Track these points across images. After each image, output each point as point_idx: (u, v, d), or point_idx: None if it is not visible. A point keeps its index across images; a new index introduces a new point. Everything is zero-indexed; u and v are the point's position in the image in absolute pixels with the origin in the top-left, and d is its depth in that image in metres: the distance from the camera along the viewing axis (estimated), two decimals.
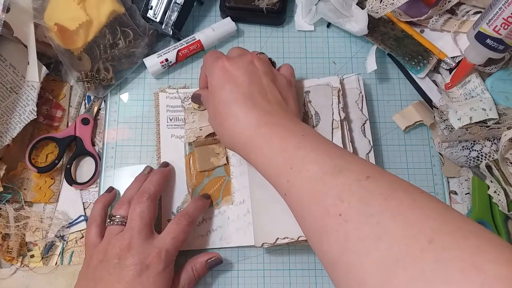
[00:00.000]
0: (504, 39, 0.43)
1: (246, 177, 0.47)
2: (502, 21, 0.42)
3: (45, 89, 0.50)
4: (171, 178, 0.47)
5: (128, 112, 0.51)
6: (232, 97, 0.38)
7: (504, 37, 0.43)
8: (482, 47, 0.45)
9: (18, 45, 0.47)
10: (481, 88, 0.49)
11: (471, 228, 0.24)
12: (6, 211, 0.46)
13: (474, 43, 0.46)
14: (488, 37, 0.44)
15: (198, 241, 0.45)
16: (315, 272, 0.46)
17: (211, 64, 0.41)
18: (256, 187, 0.45)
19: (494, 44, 0.44)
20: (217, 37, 0.52)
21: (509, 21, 0.42)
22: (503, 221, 0.46)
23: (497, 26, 0.43)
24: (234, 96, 0.38)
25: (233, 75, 0.39)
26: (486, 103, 0.47)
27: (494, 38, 0.43)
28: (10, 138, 0.46)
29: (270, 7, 0.52)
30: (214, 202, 0.47)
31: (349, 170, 0.30)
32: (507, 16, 0.42)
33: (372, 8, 0.50)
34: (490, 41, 0.44)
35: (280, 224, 0.43)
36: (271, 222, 0.44)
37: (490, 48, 0.44)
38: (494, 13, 0.42)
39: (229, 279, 0.46)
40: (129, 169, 0.49)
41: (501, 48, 0.44)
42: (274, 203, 0.44)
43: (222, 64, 0.40)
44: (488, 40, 0.44)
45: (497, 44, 0.44)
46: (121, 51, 0.50)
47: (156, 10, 0.51)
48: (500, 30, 0.43)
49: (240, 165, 0.47)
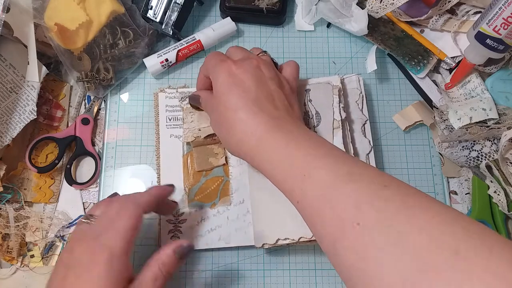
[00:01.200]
0: (504, 39, 0.43)
1: (246, 177, 0.47)
2: (502, 21, 0.42)
3: (45, 89, 0.50)
4: (170, 179, 0.47)
5: (128, 112, 0.51)
6: (239, 103, 0.37)
7: (504, 37, 0.43)
8: (482, 47, 0.45)
9: (18, 45, 0.47)
10: (481, 88, 0.49)
11: (495, 238, 0.24)
12: (6, 211, 0.46)
13: (474, 43, 0.46)
14: (488, 37, 0.44)
15: (196, 242, 0.45)
16: (315, 272, 0.46)
17: (214, 66, 0.40)
18: (256, 187, 0.45)
19: (494, 44, 0.44)
20: (217, 37, 0.52)
21: (509, 21, 0.42)
22: (503, 221, 0.46)
23: (497, 26, 0.43)
24: (242, 102, 0.37)
25: (240, 80, 0.38)
26: (486, 103, 0.47)
27: (494, 38, 0.43)
28: (10, 138, 0.46)
29: (270, 7, 0.52)
30: (211, 202, 0.47)
31: (364, 178, 0.30)
32: (507, 16, 0.41)
33: (372, 8, 0.50)
34: (490, 41, 0.44)
35: (281, 225, 0.43)
36: (272, 223, 0.44)
37: (490, 48, 0.44)
38: (494, 13, 0.42)
39: (229, 279, 0.46)
40: (129, 169, 0.49)
41: (501, 48, 0.44)
42: (275, 204, 0.44)
43: (228, 68, 0.39)
44: (488, 40, 0.44)
45: (497, 44, 0.44)
46: (121, 51, 0.50)
47: (156, 10, 0.51)
48: (500, 30, 0.43)
49: (240, 165, 0.47)
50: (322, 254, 0.46)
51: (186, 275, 0.46)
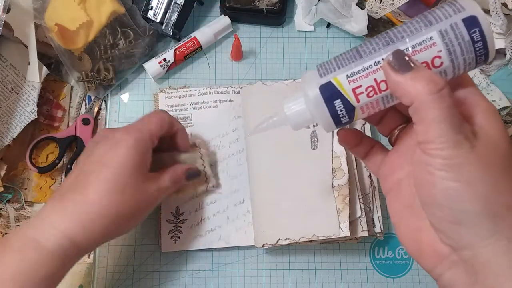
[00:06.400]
0: (356, 111, 0.28)
1: (246, 177, 0.47)
2: (371, 83, 0.27)
3: (46, 89, 0.50)
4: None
5: (129, 112, 0.51)
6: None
7: (359, 108, 0.28)
8: (324, 108, 0.28)
9: (19, 46, 0.47)
10: (486, 82, 0.49)
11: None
12: (7, 211, 0.46)
13: (315, 96, 0.28)
14: (341, 97, 0.28)
15: (196, 241, 0.46)
16: (315, 272, 0.46)
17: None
18: (256, 188, 0.45)
19: (342, 112, 0.28)
20: (212, 32, 0.52)
21: (381, 88, 0.27)
22: None
23: (361, 87, 0.27)
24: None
25: None
26: (494, 94, 0.47)
27: (347, 102, 0.28)
28: (10, 138, 0.46)
29: (270, 7, 0.52)
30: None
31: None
32: (381, 79, 0.27)
33: (372, 8, 0.50)
34: (339, 104, 0.28)
35: (281, 225, 0.44)
36: (272, 223, 0.44)
37: (333, 115, 0.28)
38: (366, 67, 0.27)
39: (229, 279, 0.46)
40: None
41: (345, 120, 0.29)
42: (275, 204, 0.45)
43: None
44: (337, 102, 0.28)
45: (345, 112, 0.28)
46: (122, 52, 0.50)
47: (157, 11, 0.51)
48: (362, 95, 0.27)
49: (240, 165, 0.48)
50: (322, 254, 0.46)
51: (186, 275, 0.46)
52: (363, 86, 0.27)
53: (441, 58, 0.26)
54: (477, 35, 0.25)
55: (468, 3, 0.26)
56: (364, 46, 0.28)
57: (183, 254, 0.46)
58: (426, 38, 0.26)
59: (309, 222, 0.44)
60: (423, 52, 0.26)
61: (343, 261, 0.47)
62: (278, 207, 0.44)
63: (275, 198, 0.45)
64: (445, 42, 0.26)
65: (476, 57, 0.26)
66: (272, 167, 0.46)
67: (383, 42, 0.27)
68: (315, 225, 0.43)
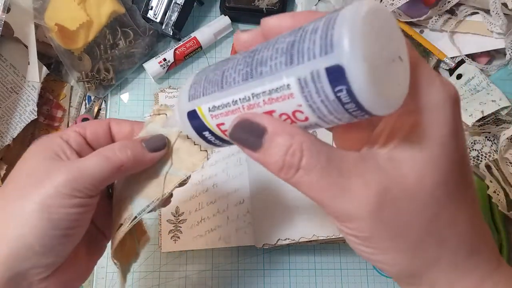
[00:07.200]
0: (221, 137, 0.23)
1: (246, 177, 0.47)
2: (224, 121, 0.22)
3: (46, 89, 0.50)
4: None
5: (129, 112, 0.51)
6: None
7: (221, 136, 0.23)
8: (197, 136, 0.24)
9: (19, 45, 0.47)
10: (486, 82, 0.49)
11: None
12: None
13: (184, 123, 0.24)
14: (208, 129, 0.23)
15: (196, 241, 0.46)
16: (315, 272, 0.46)
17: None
18: (256, 188, 0.45)
19: (216, 141, 0.24)
20: (212, 32, 0.52)
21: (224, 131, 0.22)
22: (503, 221, 0.47)
23: (224, 125, 0.22)
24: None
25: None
26: (494, 94, 0.47)
27: (216, 135, 0.23)
28: (10, 138, 0.46)
29: (270, 7, 0.52)
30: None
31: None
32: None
33: None
34: (209, 135, 0.23)
35: (281, 226, 0.44)
36: (272, 223, 0.44)
37: (208, 142, 0.24)
38: (224, 104, 0.21)
39: (229, 279, 0.46)
40: None
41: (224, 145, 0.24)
42: (275, 204, 0.44)
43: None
44: (206, 133, 0.23)
45: (220, 141, 0.24)
46: (122, 51, 0.50)
47: (157, 11, 0.51)
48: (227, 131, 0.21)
49: (239, 165, 0.48)
50: (322, 254, 0.46)
51: (186, 275, 0.46)
52: (226, 124, 0.21)
53: (304, 113, 0.18)
54: (344, 95, 0.16)
55: (344, 31, 0.15)
56: (226, 71, 0.21)
57: (183, 254, 0.46)
58: (283, 85, 0.18)
59: (309, 222, 0.44)
60: (281, 102, 0.18)
61: (343, 261, 0.47)
62: (278, 207, 0.44)
63: (275, 198, 0.45)
64: (305, 96, 0.17)
65: (354, 117, 0.17)
66: None
67: (243, 73, 0.20)
68: (315, 225, 0.43)
